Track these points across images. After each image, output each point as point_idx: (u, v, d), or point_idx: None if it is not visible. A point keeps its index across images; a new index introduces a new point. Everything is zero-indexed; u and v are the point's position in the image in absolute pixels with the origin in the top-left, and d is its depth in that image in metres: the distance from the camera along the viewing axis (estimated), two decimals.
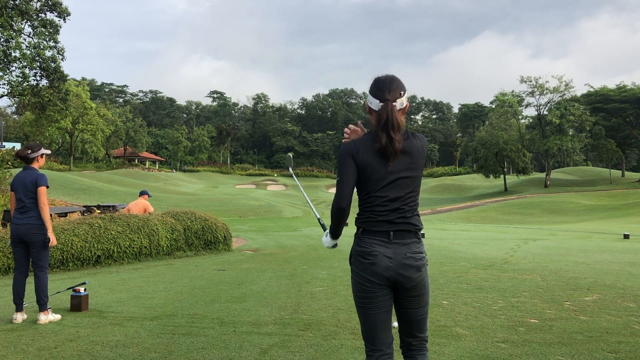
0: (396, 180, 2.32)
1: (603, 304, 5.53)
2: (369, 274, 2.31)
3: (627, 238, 15.02)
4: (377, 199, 2.33)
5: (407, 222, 2.34)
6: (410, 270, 2.30)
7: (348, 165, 2.35)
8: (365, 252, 2.33)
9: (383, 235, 2.32)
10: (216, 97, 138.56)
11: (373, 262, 2.30)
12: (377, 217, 2.33)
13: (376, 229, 2.32)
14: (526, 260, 9.49)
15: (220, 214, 23.36)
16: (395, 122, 2.29)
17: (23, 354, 3.98)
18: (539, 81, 61.95)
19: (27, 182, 5.09)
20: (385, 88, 2.35)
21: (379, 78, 2.41)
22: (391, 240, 2.31)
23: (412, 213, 2.36)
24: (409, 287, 2.33)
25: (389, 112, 2.30)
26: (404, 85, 2.40)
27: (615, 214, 35.27)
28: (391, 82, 2.37)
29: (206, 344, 4.21)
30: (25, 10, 25.01)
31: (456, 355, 3.85)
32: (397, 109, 2.34)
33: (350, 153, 2.34)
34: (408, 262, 2.30)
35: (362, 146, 2.35)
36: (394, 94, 2.34)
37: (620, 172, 71.26)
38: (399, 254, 2.30)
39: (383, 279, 2.29)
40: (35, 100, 26.89)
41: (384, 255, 2.29)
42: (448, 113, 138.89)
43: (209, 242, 11.40)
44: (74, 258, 8.74)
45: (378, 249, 2.30)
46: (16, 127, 74.84)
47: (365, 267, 2.32)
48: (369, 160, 2.32)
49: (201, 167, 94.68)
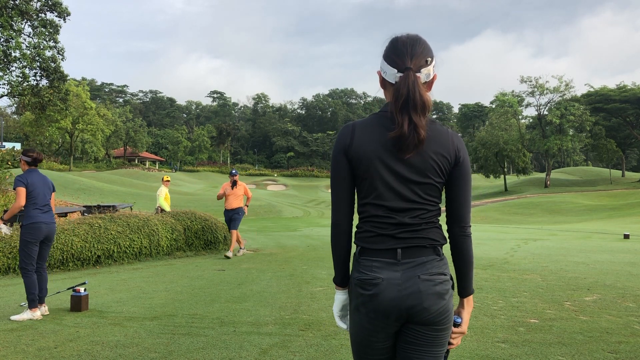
0: (409, 182, 1.70)
1: (603, 304, 5.53)
2: (371, 310, 1.68)
3: (627, 238, 15.01)
4: (379, 208, 1.72)
5: (421, 236, 1.72)
6: (430, 299, 1.66)
7: (338, 163, 1.76)
8: (364, 281, 1.69)
9: (388, 254, 1.70)
10: (216, 97, 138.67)
11: (375, 293, 1.67)
12: (379, 231, 1.72)
13: (378, 246, 1.71)
14: (526, 260, 9.49)
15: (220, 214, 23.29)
16: (420, 99, 1.64)
17: (23, 354, 3.98)
18: (539, 81, 61.93)
19: (48, 183, 5.51)
20: (407, 52, 1.69)
21: (397, 38, 1.75)
22: (399, 261, 1.69)
23: (428, 225, 1.74)
24: (427, 321, 1.68)
25: (410, 86, 1.65)
26: (431, 49, 1.74)
27: (615, 214, 35.25)
28: (414, 44, 1.71)
29: (206, 344, 4.20)
30: (25, 10, 25.00)
31: (456, 355, 3.85)
32: (422, 82, 1.70)
33: (343, 145, 1.74)
34: (425, 288, 1.66)
35: (362, 132, 1.73)
36: (419, 60, 1.69)
37: (621, 172, 71.24)
38: (412, 277, 1.67)
39: (390, 315, 1.67)
40: (35, 100, 26.88)
41: (389, 282, 1.66)
42: (448, 113, 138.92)
43: (209, 242, 11.40)
44: (74, 258, 8.74)
45: (381, 274, 1.68)
46: (16, 127, 74.80)
47: (365, 302, 1.69)
48: (371, 152, 1.70)
49: (201, 167, 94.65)
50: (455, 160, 1.74)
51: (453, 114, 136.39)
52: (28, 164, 5.47)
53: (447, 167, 1.73)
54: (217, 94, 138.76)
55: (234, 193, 10.73)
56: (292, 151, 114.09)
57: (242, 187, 10.95)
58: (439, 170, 1.72)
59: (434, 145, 1.70)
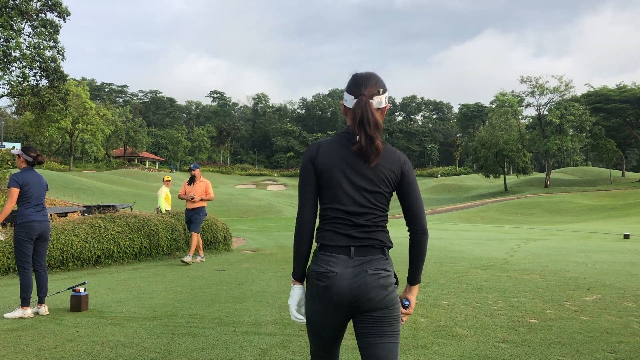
0: (363, 191, 2.03)
1: (603, 304, 5.53)
2: (324, 299, 2.00)
3: (627, 238, 15.02)
4: (338, 211, 2.04)
5: (371, 237, 2.04)
6: (375, 291, 1.96)
7: (306, 171, 2.10)
8: (320, 273, 2.00)
9: (343, 251, 2.01)
10: (216, 97, 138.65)
11: (328, 285, 1.98)
12: (337, 230, 2.04)
13: (335, 243, 2.02)
14: (526, 260, 9.49)
15: (220, 214, 23.32)
16: (372, 118, 1.99)
17: (23, 354, 3.98)
18: (539, 81, 61.95)
19: (43, 183, 5.51)
20: (362, 83, 2.08)
21: (356, 74, 2.14)
22: (352, 258, 2.00)
23: (377, 228, 2.06)
24: (374, 309, 1.98)
25: (363, 107, 2.00)
26: (384, 84, 2.12)
27: (615, 214, 35.26)
28: (369, 78, 2.10)
29: (206, 344, 4.21)
30: (25, 10, 24.99)
31: (456, 355, 3.85)
32: (374, 107, 2.05)
33: (310, 156, 2.09)
34: (371, 281, 1.96)
35: (327, 148, 2.08)
36: (371, 89, 2.07)
37: (620, 172, 71.24)
38: (361, 272, 1.97)
39: (340, 304, 1.98)
40: (35, 100, 26.86)
41: (342, 276, 1.97)
42: (448, 113, 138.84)
43: (209, 242, 11.40)
44: (74, 258, 8.74)
45: (335, 268, 1.98)
46: (16, 127, 74.81)
47: (319, 292, 2.00)
48: (334, 165, 2.04)
49: (201, 167, 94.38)
50: (401, 174, 2.09)
51: (453, 114, 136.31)
52: (27, 163, 5.44)
53: (395, 180, 2.08)
54: (217, 94, 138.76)
55: (193, 190, 9.73)
56: (292, 151, 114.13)
57: (204, 185, 9.81)
58: (387, 182, 2.06)
59: (385, 161, 2.05)
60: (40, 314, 5.37)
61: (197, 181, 9.82)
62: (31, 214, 5.34)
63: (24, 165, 5.44)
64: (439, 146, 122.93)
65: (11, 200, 5.21)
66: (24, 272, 5.32)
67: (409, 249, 2.14)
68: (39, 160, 5.49)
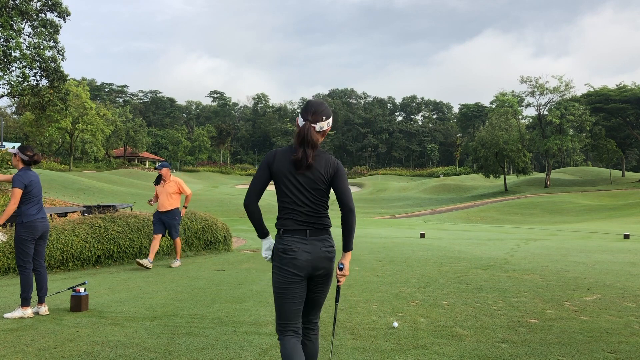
0: (307, 189, 2.74)
1: (603, 304, 5.53)
2: (291, 267, 2.72)
3: (627, 238, 15.02)
4: (290, 204, 2.75)
5: (320, 222, 2.78)
6: (325, 261, 2.77)
7: (262, 169, 2.83)
8: (287, 249, 2.74)
9: (301, 234, 2.75)
10: (216, 97, 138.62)
11: (294, 256, 2.72)
12: (295, 218, 2.75)
13: (294, 228, 2.75)
14: (526, 260, 9.49)
15: (220, 214, 23.30)
16: (311, 140, 2.71)
17: (23, 354, 3.98)
18: (539, 81, 61.95)
19: (39, 182, 5.55)
20: (310, 111, 2.79)
21: (309, 101, 2.85)
22: (308, 238, 2.75)
23: (322, 214, 2.79)
24: (322, 274, 2.80)
25: (306, 131, 2.72)
26: (330, 111, 2.85)
27: (615, 214, 35.27)
28: (317, 107, 2.80)
29: (206, 344, 4.21)
30: (25, 10, 24.98)
31: (456, 355, 3.85)
32: (316, 130, 2.76)
33: (268, 161, 2.81)
34: (323, 254, 2.76)
35: (280, 156, 2.79)
36: (316, 117, 2.77)
37: (621, 172, 71.24)
38: (316, 248, 2.75)
39: (303, 271, 2.73)
40: (35, 100, 26.85)
41: (303, 250, 2.72)
42: (448, 113, 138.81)
43: (209, 242, 11.40)
44: (74, 258, 8.74)
45: (297, 246, 2.73)
46: (16, 127, 74.85)
47: (287, 262, 2.73)
48: (284, 170, 2.75)
49: (201, 167, 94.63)
50: (333, 174, 2.79)
51: (453, 114, 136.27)
52: (24, 162, 5.43)
53: (329, 178, 2.78)
54: (217, 94, 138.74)
55: (164, 191, 8.94)
56: None
57: (174, 184, 8.99)
58: (324, 180, 2.77)
59: (319, 166, 2.76)
60: (40, 313, 5.37)
61: (167, 181, 9.00)
62: (34, 214, 5.36)
63: (21, 164, 5.43)
64: (439, 146, 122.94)
65: (15, 201, 5.20)
66: (24, 272, 5.33)
67: (341, 224, 2.79)
68: (35, 160, 5.49)
